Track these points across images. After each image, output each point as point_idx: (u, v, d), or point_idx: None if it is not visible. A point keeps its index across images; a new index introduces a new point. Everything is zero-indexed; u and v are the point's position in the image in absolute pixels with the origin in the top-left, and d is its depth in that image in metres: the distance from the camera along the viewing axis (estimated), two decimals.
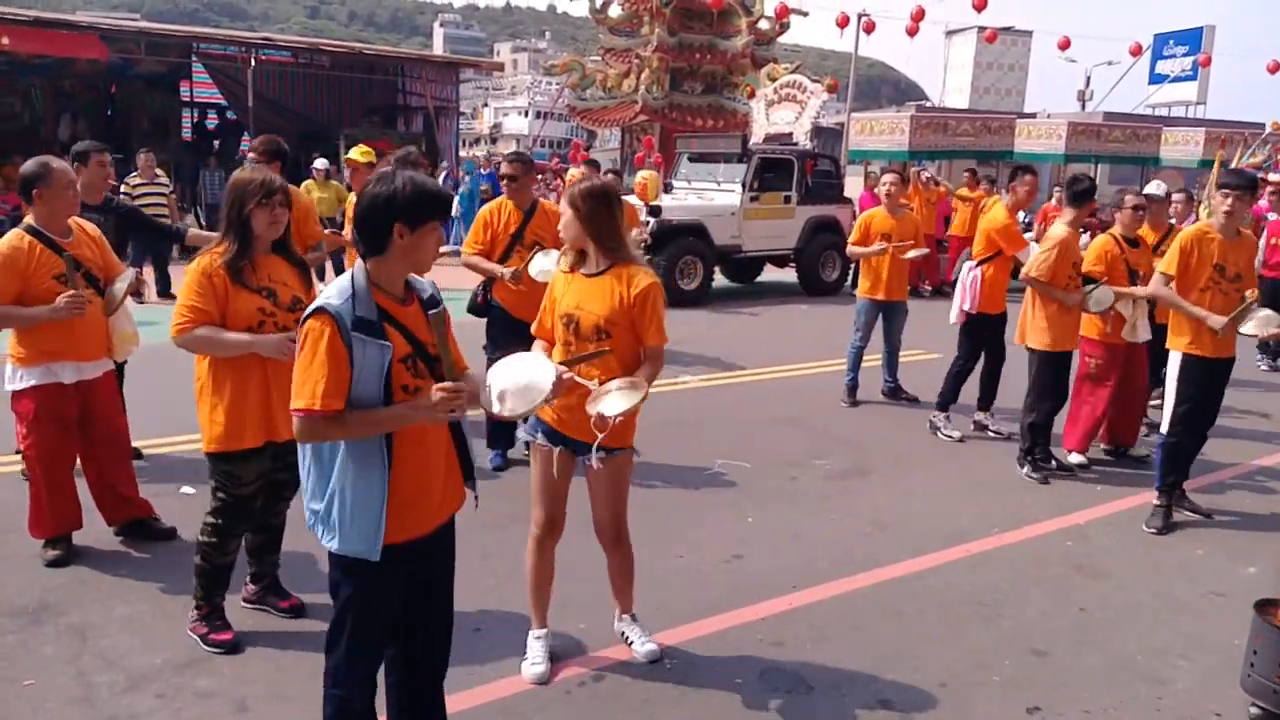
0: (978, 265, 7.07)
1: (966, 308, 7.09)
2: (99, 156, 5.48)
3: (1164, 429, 5.65)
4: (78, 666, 3.69)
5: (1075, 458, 6.69)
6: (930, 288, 14.58)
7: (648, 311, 3.52)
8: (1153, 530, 5.48)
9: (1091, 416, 6.64)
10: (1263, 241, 10.60)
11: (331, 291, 2.59)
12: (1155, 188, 7.71)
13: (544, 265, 5.54)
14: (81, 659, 3.74)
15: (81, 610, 4.13)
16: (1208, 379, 5.51)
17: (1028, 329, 6.42)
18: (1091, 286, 6.23)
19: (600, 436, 3.37)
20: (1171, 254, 5.50)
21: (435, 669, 2.96)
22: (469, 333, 4.94)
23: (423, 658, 2.91)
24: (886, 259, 7.87)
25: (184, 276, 3.74)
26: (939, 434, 7.30)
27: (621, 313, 3.50)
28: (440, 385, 2.54)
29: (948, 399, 7.37)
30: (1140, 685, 3.84)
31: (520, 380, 3.06)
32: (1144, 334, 6.44)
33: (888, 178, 8.18)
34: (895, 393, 8.35)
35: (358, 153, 8.37)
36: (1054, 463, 6.55)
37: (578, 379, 3.35)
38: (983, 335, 7.20)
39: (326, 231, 6.78)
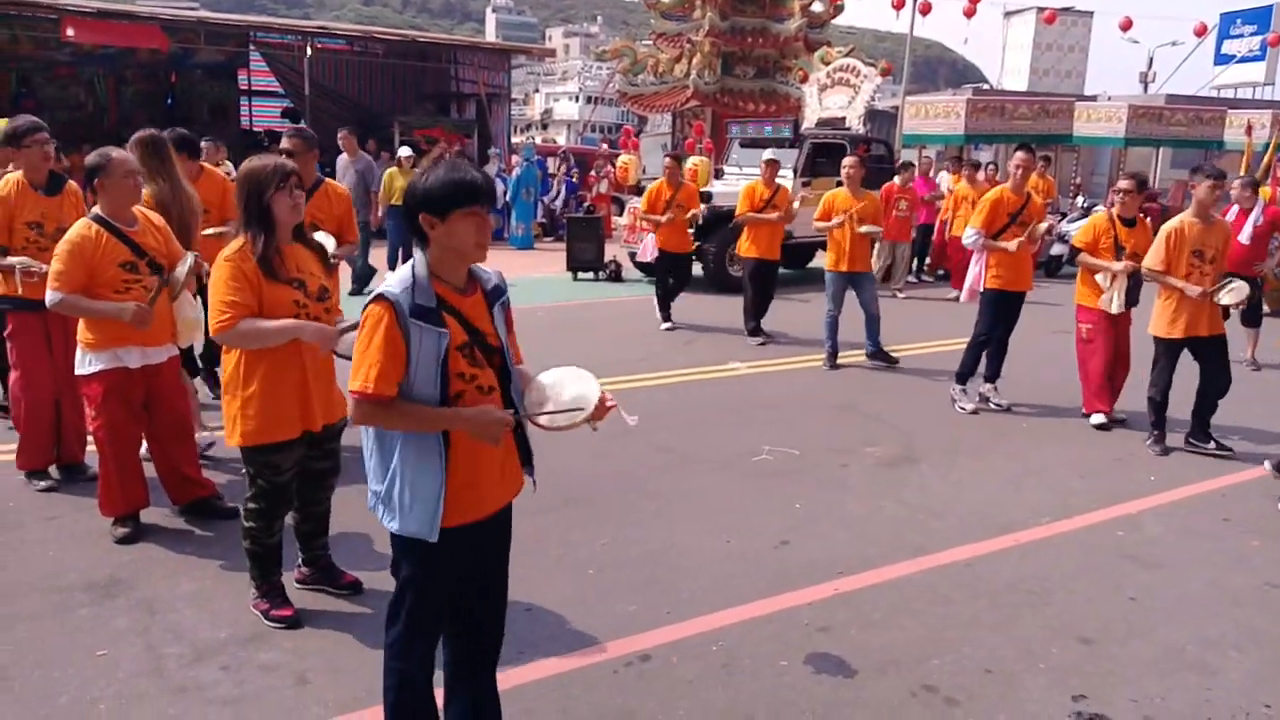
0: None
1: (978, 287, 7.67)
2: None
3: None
4: (147, 639, 3.84)
5: (1096, 418, 7.24)
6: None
7: None
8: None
9: (1087, 378, 7.28)
10: None
11: (393, 280, 2.66)
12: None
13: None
14: (151, 632, 3.90)
15: (150, 585, 4.30)
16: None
17: (1152, 317, 6.77)
18: (1226, 280, 6.47)
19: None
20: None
21: (489, 647, 3.04)
22: None
23: (478, 636, 2.99)
24: (848, 234, 8.69)
25: (213, 274, 3.70)
26: (955, 406, 7.66)
27: None
28: (505, 412, 2.66)
29: (966, 372, 7.72)
30: (1189, 675, 3.82)
31: (568, 394, 2.85)
32: (1118, 306, 6.84)
33: (847, 161, 9.10)
34: (876, 355, 9.14)
35: None
36: (1212, 443, 6.70)
37: (620, 409, 2.96)
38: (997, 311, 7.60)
39: None
